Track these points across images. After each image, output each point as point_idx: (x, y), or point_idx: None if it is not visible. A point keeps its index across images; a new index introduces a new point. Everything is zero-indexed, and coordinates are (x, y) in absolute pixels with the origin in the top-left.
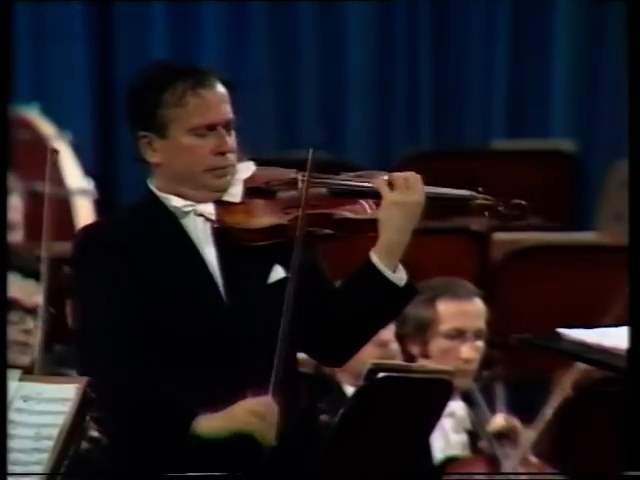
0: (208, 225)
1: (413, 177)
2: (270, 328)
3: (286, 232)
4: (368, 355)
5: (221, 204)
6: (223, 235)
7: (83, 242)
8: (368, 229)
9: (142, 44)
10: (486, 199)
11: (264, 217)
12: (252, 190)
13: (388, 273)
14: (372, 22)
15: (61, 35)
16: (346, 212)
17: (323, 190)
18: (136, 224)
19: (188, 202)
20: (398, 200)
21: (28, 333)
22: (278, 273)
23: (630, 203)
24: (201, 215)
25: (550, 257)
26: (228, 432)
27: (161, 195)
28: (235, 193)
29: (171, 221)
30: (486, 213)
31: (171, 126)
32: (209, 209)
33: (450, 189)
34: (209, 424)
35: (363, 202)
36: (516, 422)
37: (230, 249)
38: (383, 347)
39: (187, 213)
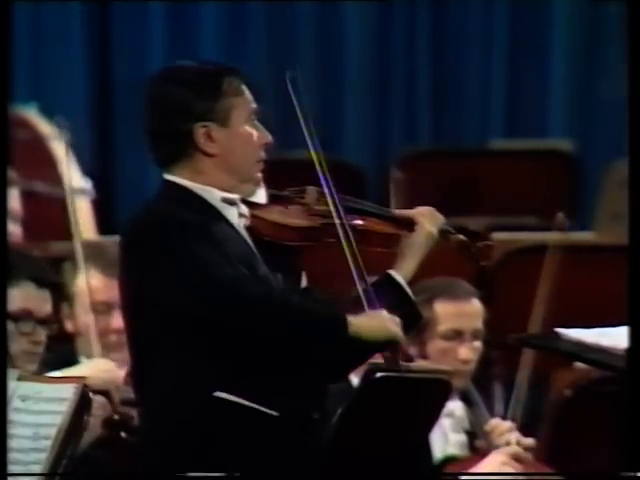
0: (242, 221)
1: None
2: None
3: (319, 236)
4: None
5: (252, 203)
6: (255, 233)
7: (156, 227)
8: (384, 244)
9: (140, 44)
10: (459, 238)
11: (297, 219)
12: (271, 196)
13: (413, 295)
14: (370, 22)
15: (59, 35)
16: (369, 225)
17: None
18: (189, 213)
19: (231, 195)
20: (431, 231)
21: (37, 344)
22: (304, 280)
23: (630, 203)
24: (241, 213)
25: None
26: (380, 333)
27: (199, 187)
28: (262, 195)
29: (216, 213)
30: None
31: (233, 114)
32: (243, 206)
33: None
34: (362, 325)
35: (377, 220)
36: (517, 434)
37: (263, 248)
38: None
39: (233, 205)
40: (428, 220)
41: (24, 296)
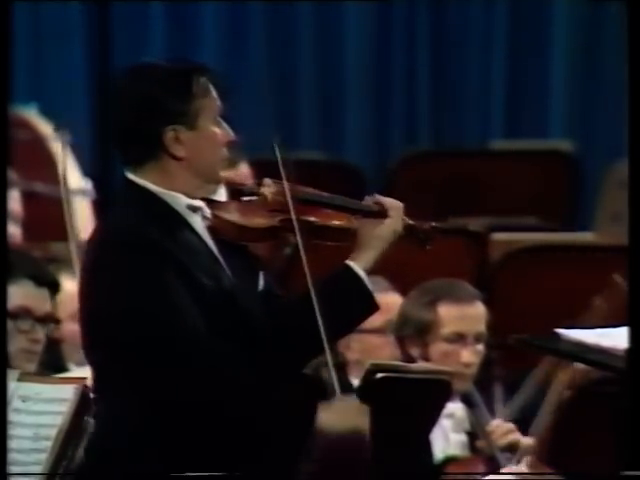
0: (204, 223)
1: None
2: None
3: (278, 234)
4: (386, 354)
5: (212, 202)
6: (216, 234)
7: (115, 245)
8: (341, 239)
9: (140, 44)
10: (407, 221)
11: (257, 218)
12: (232, 191)
13: (372, 288)
14: (370, 22)
15: (59, 35)
16: (324, 220)
17: (298, 196)
18: (151, 223)
19: (196, 201)
20: (399, 228)
21: (36, 342)
22: (262, 281)
23: (630, 203)
24: (203, 215)
25: (548, 257)
26: (347, 429)
27: (165, 192)
28: (222, 192)
29: (180, 219)
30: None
31: (201, 116)
32: (206, 208)
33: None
34: (328, 420)
35: (333, 212)
36: (519, 435)
37: (225, 249)
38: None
39: (196, 211)
40: (399, 215)
41: (23, 294)
